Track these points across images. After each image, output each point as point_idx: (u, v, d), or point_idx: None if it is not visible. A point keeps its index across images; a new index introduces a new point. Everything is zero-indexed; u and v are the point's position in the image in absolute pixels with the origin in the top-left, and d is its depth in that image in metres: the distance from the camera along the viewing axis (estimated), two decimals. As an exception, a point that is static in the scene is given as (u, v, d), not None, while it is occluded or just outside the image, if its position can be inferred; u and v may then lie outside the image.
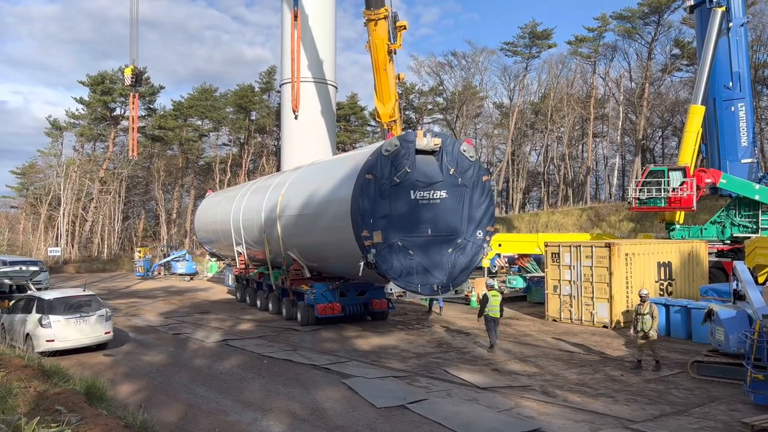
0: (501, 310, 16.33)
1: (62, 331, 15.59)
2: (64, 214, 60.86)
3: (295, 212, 20.86)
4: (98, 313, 16.32)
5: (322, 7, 37.12)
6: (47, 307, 15.80)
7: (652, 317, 13.78)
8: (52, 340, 15.45)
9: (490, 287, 16.80)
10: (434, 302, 23.45)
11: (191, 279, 42.86)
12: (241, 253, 27.05)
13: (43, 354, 14.64)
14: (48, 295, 16.79)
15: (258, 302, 25.68)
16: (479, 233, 17.81)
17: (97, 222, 65.46)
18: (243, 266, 27.32)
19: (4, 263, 27.75)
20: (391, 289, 16.72)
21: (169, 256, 47.49)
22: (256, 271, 26.26)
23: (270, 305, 24.12)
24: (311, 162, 25.33)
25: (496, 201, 73.17)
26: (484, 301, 16.19)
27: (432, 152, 17.29)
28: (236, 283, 29.22)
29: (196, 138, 74.58)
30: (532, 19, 69.90)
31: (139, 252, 48.99)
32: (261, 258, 25.39)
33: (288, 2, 30.40)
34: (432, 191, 17.17)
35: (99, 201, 65.26)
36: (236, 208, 27.15)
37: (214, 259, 39.37)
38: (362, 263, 16.34)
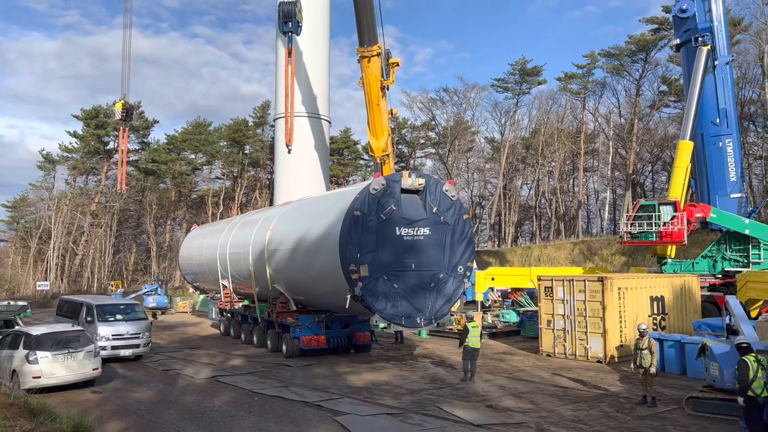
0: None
1: (49, 368, 15.30)
2: (54, 248, 60.42)
3: (284, 246, 21.11)
4: (86, 349, 16.06)
5: (317, 45, 37.66)
6: (34, 343, 15.53)
7: (651, 353, 13.69)
8: (39, 377, 15.14)
9: (470, 319, 17.61)
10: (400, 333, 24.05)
11: (162, 313, 42.61)
12: (226, 287, 27.02)
13: (30, 391, 14.36)
14: (35, 330, 16.53)
15: (243, 335, 25.69)
16: (460, 268, 18.63)
17: (88, 256, 64.99)
18: (228, 299, 27.23)
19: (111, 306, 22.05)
20: (376, 322, 17.31)
21: (158, 289, 47.33)
22: (241, 304, 26.26)
23: (255, 338, 24.23)
24: (300, 198, 25.62)
25: (489, 234, 73.64)
26: (464, 332, 17.06)
27: (416, 191, 18.16)
28: (220, 316, 29.14)
29: (189, 171, 74.75)
30: (522, 57, 71.22)
31: (112, 285, 48.85)
32: (247, 291, 25.39)
33: (282, 39, 30.84)
34: (416, 228, 17.98)
35: (90, 234, 64.91)
36: (223, 242, 27.19)
37: (197, 292, 39.17)
38: (349, 296, 16.92)
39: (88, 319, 20.47)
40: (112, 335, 20.09)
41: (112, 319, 20.68)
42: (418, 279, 17.82)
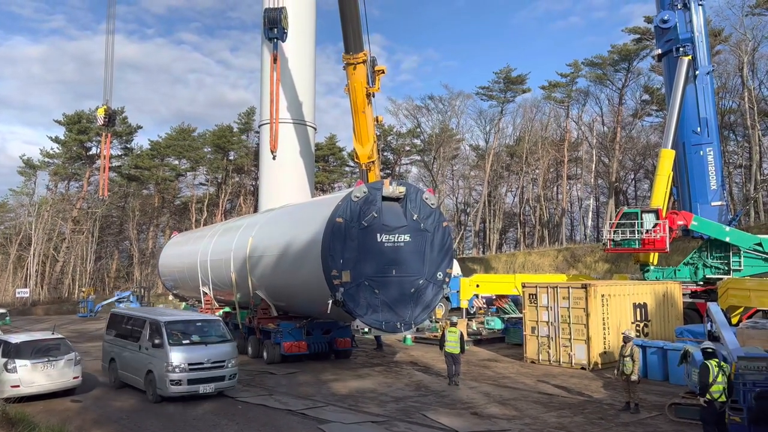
0: (462, 347, 17.15)
1: (28, 376, 15.04)
2: (34, 255, 59.57)
3: (266, 253, 21.17)
4: (67, 357, 15.82)
5: (302, 51, 37.65)
6: (13, 351, 15.27)
7: (633, 360, 13.78)
8: (18, 386, 14.84)
9: (452, 324, 17.85)
10: (380, 338, 24.37)
11: None
12: (207, 294, 26.90)
13: (8, 400, 14.05)
14: (15, 338, 16.26)
15: None
16: (439, 275, 19.03)
17: (69, 262, 64.13)
18: (209, 306, 27.10)
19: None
20: (357, 326, 17.75)
21: (137, 297, 46.79)
22: (222, 311, 26.22)
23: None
24: (282, 205, 25.72)
25: (473, 242, 73.92)
26: (442, 337, 17.49)
27: (397, 199, 18.53)
28: None
29: (172, 177, 74.18)
30: (506, 65, 71.81)
31: (83, 292, 48.37)
32: (228, 298, 25.34)
33: (268, 45, 30.76)
34: (397, 235, 18.36)
35: (71, 241, 64.09)
36: (204, 249, 27.09)
37: (177, 299, 38.75)
38: (330, 301, 17.19)
39: (156, 341, 15.26)
40: (189, 364, 14.81)
41: (187, 341, 15.42)
42: (398, 285, 18.17)
